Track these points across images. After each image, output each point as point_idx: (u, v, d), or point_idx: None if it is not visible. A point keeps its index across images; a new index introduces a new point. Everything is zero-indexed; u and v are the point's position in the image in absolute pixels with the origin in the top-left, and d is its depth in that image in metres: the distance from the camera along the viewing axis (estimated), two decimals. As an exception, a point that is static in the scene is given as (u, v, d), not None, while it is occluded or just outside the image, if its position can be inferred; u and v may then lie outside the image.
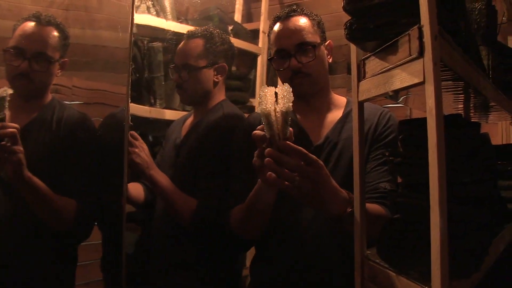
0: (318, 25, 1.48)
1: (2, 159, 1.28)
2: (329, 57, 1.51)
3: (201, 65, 1.74)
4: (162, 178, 1.64)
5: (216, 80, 1.77)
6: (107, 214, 1.63)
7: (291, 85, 1.39)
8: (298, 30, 1.43)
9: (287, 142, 0.97)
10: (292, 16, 1.46)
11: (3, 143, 1.26)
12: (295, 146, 0.98)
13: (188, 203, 1.60)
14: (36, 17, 1.48)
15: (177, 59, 1.79)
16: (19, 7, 2.05)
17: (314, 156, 1.01)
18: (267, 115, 0.97)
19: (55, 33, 1.50)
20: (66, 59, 1.55)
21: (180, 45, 1.81)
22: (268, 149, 0.97)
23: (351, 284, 0.98)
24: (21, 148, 1.29)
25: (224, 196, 1.50)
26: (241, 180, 1.42)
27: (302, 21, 1.45)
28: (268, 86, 1.03)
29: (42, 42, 1.47)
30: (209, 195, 1.59)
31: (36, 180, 1.35)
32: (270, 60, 1.49)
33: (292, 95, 1.00)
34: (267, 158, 0.97)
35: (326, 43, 1.49)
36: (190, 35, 1.80)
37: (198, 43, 1.77)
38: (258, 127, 1.03)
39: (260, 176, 1.04)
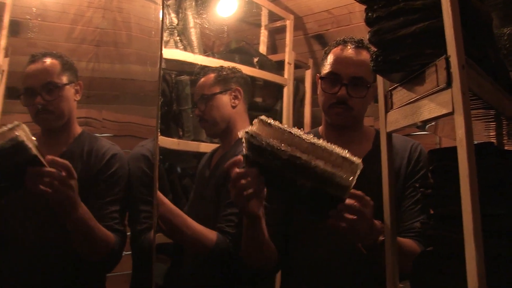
0: None
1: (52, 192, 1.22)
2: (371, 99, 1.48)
3: (215, 91, 1.79)
4: (176, 210, 1.53)
5: (233, 104, 1.80)
6: (137, 244, 1.63)
7: (329, 112, 1.41)
8: (360, 64, 1.39)
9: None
10: (360, 47, 1.42)
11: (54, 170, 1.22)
12: (357, 193, 1.08)
13: (207, 234, 1.53)
14: (33, 57, 1.56)
15: (195, 96, 1.86)
16: (54, 45, 2.15)
17: (368, 198, 1.10)
18: None
19: (54, 61, 1.56)
20: (79, 82, 1.61)
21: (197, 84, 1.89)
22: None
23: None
24: (74, 183, 1.27)
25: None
26: (268, 208, 1.40)
27: (366, 57, 1.41)
28: None
29: (44, 73, 1.53)
30: (228, 221, 1.56)
31: (85, 215, 1.33)
32: (320, 78, 1.45)
33: None
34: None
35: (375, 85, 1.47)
36: (204, 73, 1.89)
37: (210, 75, 1.84)
38: None
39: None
